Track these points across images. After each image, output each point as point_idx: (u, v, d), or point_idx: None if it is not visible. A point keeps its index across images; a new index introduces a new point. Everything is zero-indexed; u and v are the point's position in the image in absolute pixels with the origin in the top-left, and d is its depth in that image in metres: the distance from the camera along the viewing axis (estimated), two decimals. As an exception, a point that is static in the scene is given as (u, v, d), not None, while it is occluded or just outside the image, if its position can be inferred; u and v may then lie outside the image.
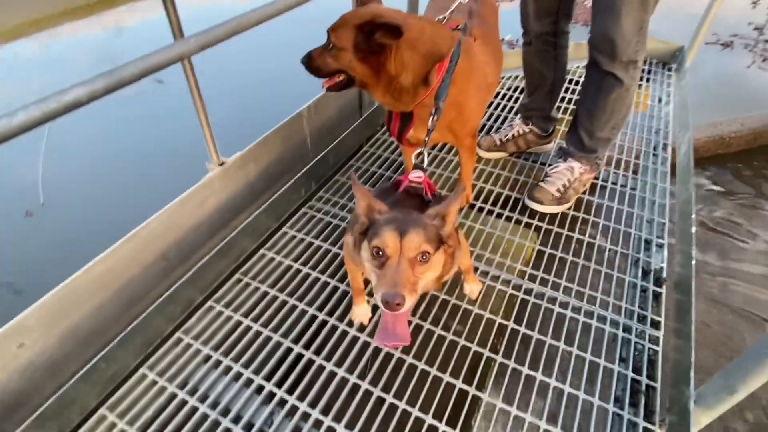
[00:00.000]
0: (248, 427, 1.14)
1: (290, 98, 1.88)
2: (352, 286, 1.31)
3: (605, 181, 1.88)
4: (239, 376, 1.24)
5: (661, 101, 2.36)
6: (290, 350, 1.29)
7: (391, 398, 1.17)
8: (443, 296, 1.43)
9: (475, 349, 1.29)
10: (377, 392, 1.19)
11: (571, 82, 2.45)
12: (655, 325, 1.36)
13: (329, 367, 1.24)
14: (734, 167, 2.92)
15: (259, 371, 1.24)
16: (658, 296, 1.44)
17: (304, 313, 1.38)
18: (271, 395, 1.19)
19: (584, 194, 1.81)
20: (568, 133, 1.80)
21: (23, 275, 2.03)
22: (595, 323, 1.36)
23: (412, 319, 1.36)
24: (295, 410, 1.16)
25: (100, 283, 1.20)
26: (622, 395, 1.20)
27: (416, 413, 1.15)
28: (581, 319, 1.38)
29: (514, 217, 1.72)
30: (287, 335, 1.32)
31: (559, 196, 1.72)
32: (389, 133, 1.46)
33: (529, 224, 1.70)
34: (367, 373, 1.24)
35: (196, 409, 1.17)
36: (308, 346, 1.30)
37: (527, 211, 1.75)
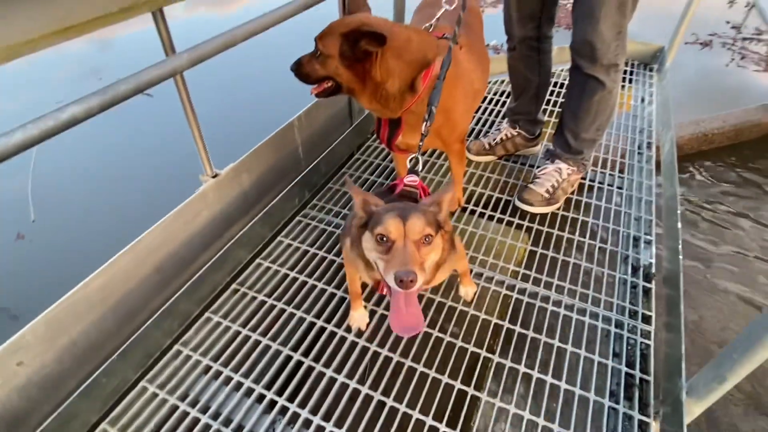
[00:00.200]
0: (250, 436, 1.14)
1: (280, 109, 1.90)
2: (350, 289, 1.32)
3: (593, 180, 1.92)
4: (240, 385, 1.24)
5: (644, 101, 2.42)
6: (290, 358, 1.30)
7: (391, 401, 1.19)
8: (439, 299, 1.45)
9: (472, 349, 1.31)
10: (377, 396, 1.20)
11: (555, 85, 2.51)
12: (646, 319, 1.39)
13: (329, 373, 1.25)
14: (718, 162, 2.99)
15: (259, 380, 1.25)
16: (648, 291, 1.48)
17: (302, 320, 1.39)
18: (272, 403, 1.20)
19: (573, 194, 1.85)
20: (554, 135, 1.84)
21: (20, 300, 2.01)
22: (588, 320, 1.39)
23: (409, 322, 1.38)
24: (296, 417, 1.17)
25: (96, 298, 1.21)
26: (617, 389, 1.23)
27: (417, 415, 1.16)
28: (574, 316, 1.40)
29: (505, 218, 1.75)
30: (286, 343, 1.34)
31: (548, 196, 1.76)
32: (379, 139, 1.48)
33: (520, 225, 1.73)
34: (366, 377, 1.25)
35: (197, 420, 1.17)
36: (307, 353, 1.31)
37: (518, 212, 1.78)
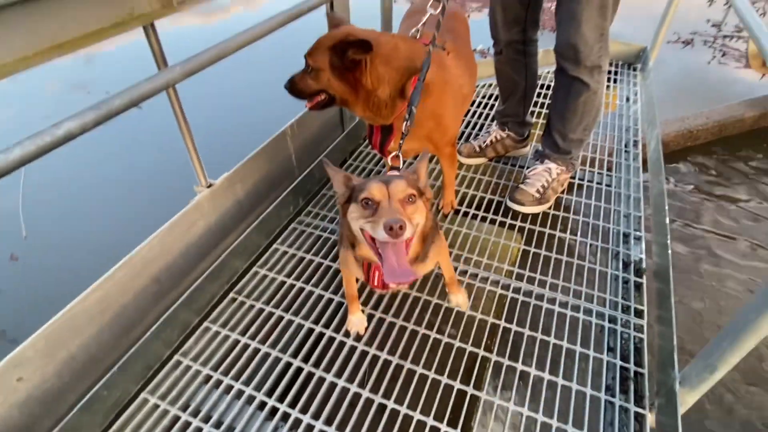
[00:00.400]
0: (253, 443, 1.15)
1: (272, 118, 1.91)
2: (346, 293, 1.34)
3: (582, 179, 1.96)
4: (241, 393, 1.25)
5: (629, 100, 2.47)
6: (290, 364, 1.30)
7: (392, 404, 1.20)
8: (436, 300, 1.46)
9: (470, 350, 1.33)
10: (378, 399, 1.21)
11: (542, 87, 2.55)
12: (638, 314, 1.42)
13: (329, 378, 1.26)
14: (704, 157, 3.05)
15: (260, 387, 1.25)
16: (639, 286, 1.51)
17: (300, 327, 1.40)
18: (273, 410, 1.21)
19: (563, 193, 1.88)
20: (542, 136, 1.88)
21: (16, 322, 1.99)
22: (582, 316, 1.42)
23: (406, 324, 1.39)
24: (298, 423, 1.17)
25: (95, 311, 1.21)
26: (612, 383, 1.25)
27: (418, 416, 1.17)
28: (569, 313, 1.43)
29: (497, 219, 1.78)
30: (285, 350, 1.34)
31: (539, 196, 1.79)
32: (371, 145, 1.50)
33: (512, 225, 1.76)
34: (366, 381, 1.26)
35: (200, 429, 1.17)
36: (307, 359, 1.32)
37: (510, 212, 1.81)
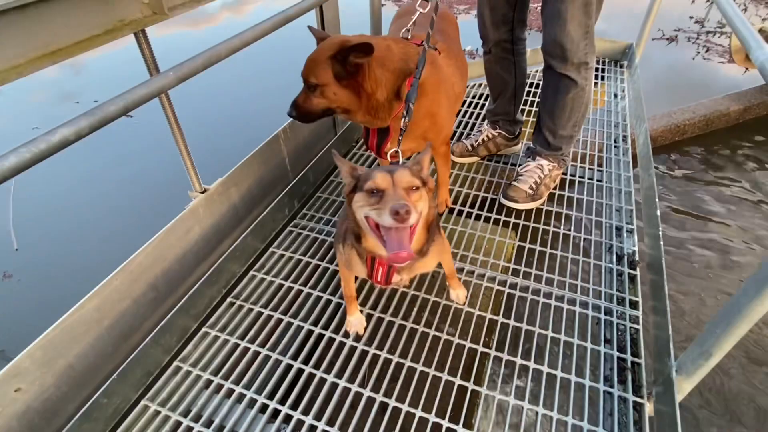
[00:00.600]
0: (256, 446, 1.15)
1: (265, 122, 1.92)
2: (345, 293, 1.34)
3: (573, 175, 1.98)
4: (242, 397, 1.25)
5: (616, 96, 2.51)
6: (290, 367, 1.30)
7: (393, 402, 1.21)
8: (434, 298, 1.47)
9: (469, 346, 1.34)
10: (379, 398, 1.22)
11: (531, 86, 2.58)
12: (633, 305, 1.44)
13: (330, 378, 1.27)
14: (691, 150, 3.11)
15: (261, 390, 1.25)
16: (633, 278, 1.53)
17: (299, 329, 1.41)
18: (275, 412, 1.20)
19: (555, 189, 1.91)
20: (533, 133, 1.90)
21: (12, 340, 1.96)
22: (578, 309, 1.44)
23: (405, 323, 1.40)
24: (301, 424, 1.17)
25: (92, 319, 1.20)
26: (610, 374, 1.27)
27: (419, 413, 1.18)
28: (565, 306, 1.45)
29: (492, 216, 1.80)
30: (285, 352, 1.34)
31: (531, 193, 1.81)
32: (368, 148, 1.51)
33: (507, 222, 1.77)
34: (367, 381, 1.27)
35: (201, 434, 1.17)
36: (307, 360, 1.32)
37: (504, 209, 1.83)
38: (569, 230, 1.73)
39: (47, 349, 1.10)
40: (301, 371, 1.30)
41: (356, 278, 1.39)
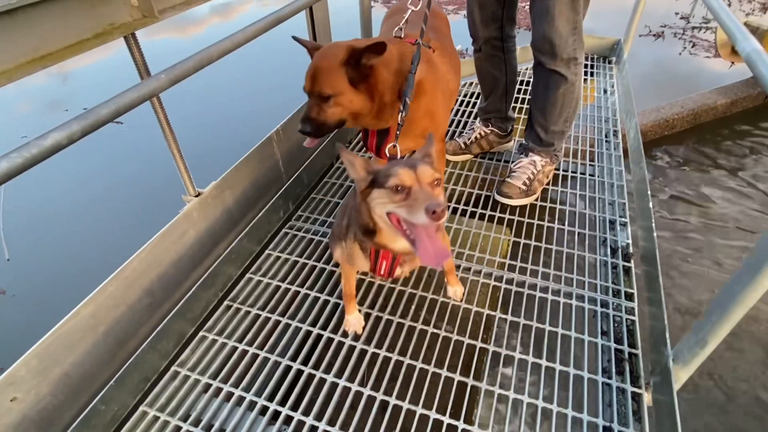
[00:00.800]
0: (257, 448, 1.14)
1: (257, 124, 1.92)
2: (344, 292, 1.34)
3: (566, 170, 2.00)
4: (241, 400, 1.24)
5: (606, 92, 2.53)
6: (289, 368, 1.30)
7: (394, 400, 1.20)
8: (431, 296, 1.48)
9: (467, 342, 1.34)
10: (380, 396, 1.21)
11: (522, 83, 2.60)
12: (628, 297, 1.46)
13: (330, 378, 1.26)
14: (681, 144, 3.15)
15: (260, 393, 1.25)
16: (628, 270, 1.54)
17: (298, 330, 1.40)
18: (276, 414, 1.20)
19: (548, 185, 1.92)
20: (525, 130, 1.91)
21: (7, 354, 1.93)
22: (574, 302, 1.45)
23: (403, 321, 1.40)
24: (302, 425, 1.17)
25: (87, 326, 1.19)
26: (608, 366, 1.28)
27: (420, 411, 1.18)
28: (561, 300, 1.46)
29: (486, 213, 1.81)
30: (284, 354, 1.34)
31: (525, 189, 1.82)
32: (367, 149, 1.51)
33: (501, 219, 1.78)
34: (367, 380, 1.27)
35: (201, 439, 1.16)
36: (306, 361, 1.32)
37: (498, 206, 1.84)
38: (563, 224, 1.74)
39: (43, 357, 1.08)
40: (300, 372, 1.29)
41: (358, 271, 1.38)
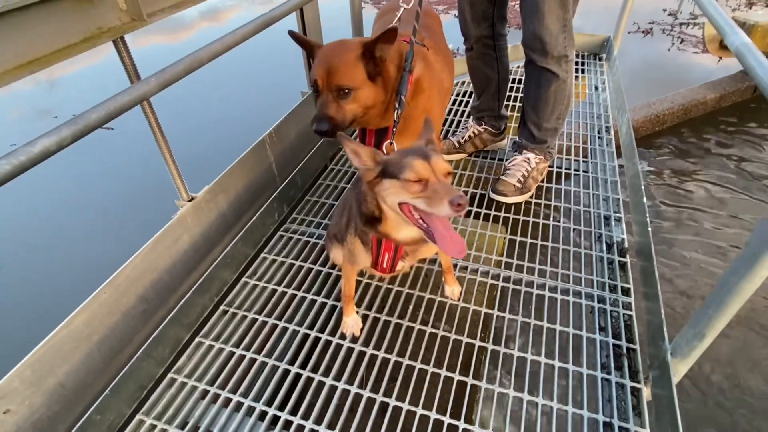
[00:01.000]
0: (256, 454, 1.13)
1: (250, 127, 1.90)
2: (344, 292, 1.33)
3: (560, 167, 2.00)
4: (240, 405, 1.22)
5: (597, 89, 2.55)
6: (287, 372, 1.29)
7: (393, 401, 1.20)
8: (428, 296, 1.47)
9: (466, 341, 1.34)
10: (379, 398, 1.21)
11: (514, 81, 2.61)
12: (625, 292, 1.46)
13: (328, 381, 1.25)
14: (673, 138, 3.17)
15: (258, 398, 1.23)
16: (623, 266, 1.55)
17: (295, 333, 1.39)
18: (275, 419, 1.19)
19: (542, 182, 1.92)
20: (518, 128, 1.92)
21: (1, 365, 1.90)
22: (571, 299, 1.45)
23: (401, 322, 1.40)
24: (301, 429, 1.16)
25: (81, 335, 1.17)
26: (607, 361, 1.28)
27: (420, 411, 1.17)
28: (558, 297, 1.46)
29: (482, 212, 1.81)
30: (282, 358, 1.33)
31: (520, 186, 1.82)
32: None
33: (497, 217, 1.78)
34: (366, 381, 1.26)
35: (200, 446, 1.15)
36: (304, 365, 1.31)
37: (493, 204, 1.84)
38: (558, 221, 1.75)
39: (36, 367, 1.07)
40: (298, 376, 1.28)
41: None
